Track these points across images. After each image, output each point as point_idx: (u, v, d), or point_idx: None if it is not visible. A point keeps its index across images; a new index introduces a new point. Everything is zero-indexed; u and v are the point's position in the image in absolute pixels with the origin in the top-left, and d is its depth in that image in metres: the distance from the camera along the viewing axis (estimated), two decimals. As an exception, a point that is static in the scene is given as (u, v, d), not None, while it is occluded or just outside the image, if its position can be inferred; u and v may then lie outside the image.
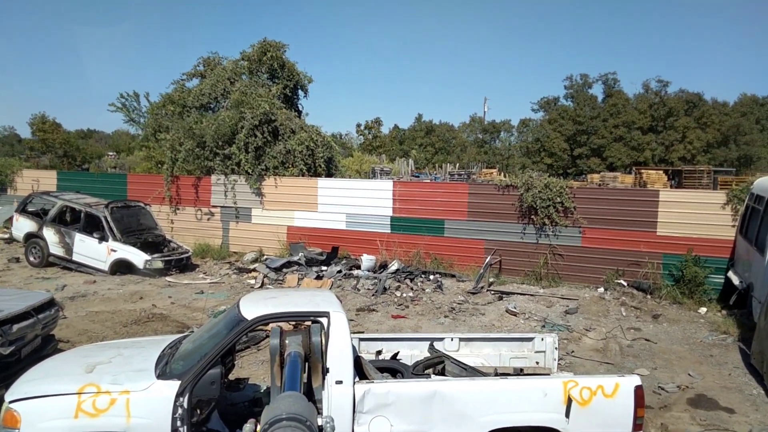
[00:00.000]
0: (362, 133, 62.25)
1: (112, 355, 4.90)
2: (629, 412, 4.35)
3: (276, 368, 3.42)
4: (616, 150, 51.55)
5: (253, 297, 5.08)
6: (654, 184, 28.88)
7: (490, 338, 6.30)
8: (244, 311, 4.50)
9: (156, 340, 5.67)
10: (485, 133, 65.65)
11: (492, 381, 4.46)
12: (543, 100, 62.27)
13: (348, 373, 4.14)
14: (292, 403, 2.23)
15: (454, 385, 4.35)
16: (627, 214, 11.46)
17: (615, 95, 56.12)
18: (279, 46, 17.53)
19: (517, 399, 4.30)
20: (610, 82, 58.56)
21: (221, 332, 4.58)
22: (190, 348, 4.81)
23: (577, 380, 4.35)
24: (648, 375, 6.94)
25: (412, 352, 6.09)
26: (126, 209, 13.51)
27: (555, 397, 4.28)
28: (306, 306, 4.58)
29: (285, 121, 15.55)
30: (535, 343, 6.20)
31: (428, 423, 4.20)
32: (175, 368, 4.40)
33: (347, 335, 4.28)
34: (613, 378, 4.41)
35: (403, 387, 4.30)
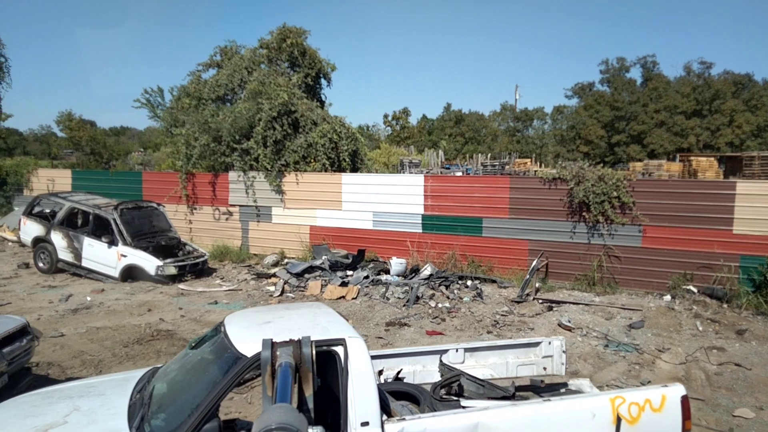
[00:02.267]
0: (389, 124, 60.94)
1: (65, 412, 3.85)
2: (677, 425, 4.05)
3: (267, 378, 3.13)
4: (657, 136, 48.87)
5: (242, 322, 4.28)
6: (705, 172, 26.80)
7: (496, 346, 5.98)
8: (239, 345, 3.71)
9: (116, 381, 4.65)
10: (517, 122, 63.47)
11: (538, 405, 3.95)
12: (577, 86, 59.67)
13: (374, 413, 3.59)
14: (283, 413, 2.21)
15: (498, 415, 3.84)
16: (696, 210, 9.91)
17: (655, 79, 53.23)
18: (300, 32, 16.35)
19: (564, 424, 3.89)
20: (649, 65, 55.63)
21: (212, 373, 3.75)
22: (171, 393, 3.96)
23: (624, 396, 4.00)
24: (754, 418, 5.52)
25: (413, 368, 5.69)
26: (137, 210, 12.57)
27: (604, 418, 3.91)
28: (314, 333, 3.79)
29: (306, 112, 14.39)
30: (543, 347, 5.90)
31: None
32: (158, 428, 3.53)
33: (369, 366, 3.71)
34: (658, 389, 4.07)
35: (440, 422, 3.72)
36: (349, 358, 3.66)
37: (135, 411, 3.87)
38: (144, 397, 4.07)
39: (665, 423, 4.04)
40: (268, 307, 5.22)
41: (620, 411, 3.94)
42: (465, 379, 5.02)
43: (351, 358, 3.67)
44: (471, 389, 4.92)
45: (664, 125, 49.43)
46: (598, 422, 3.92)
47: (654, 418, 4.00)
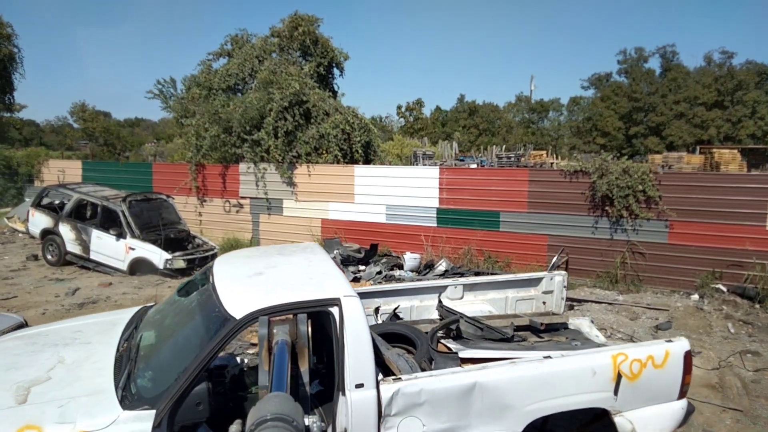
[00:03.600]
0: (403, 116, 60.43)
1: (49, 364, 3.71)
2: (677, 380, 4.09)
3: (264, 353, 3.11)
4: (676, 128, 47.85)
5: (231, 273, 4.06)
6: (728, 164, 26.06)
7: (496, 282, 5.94)
8: (228, 304, 3.53)
9: (103, 326, 4.48)
10: (532, 113, 62.61)
11: (537, 364, 3.89)
12: (594, 77, 58.61)
13: (370, 374, 3.50)
14: (279, 403, 2.20)
15: (496, 374, 3.79)
16: (727, 205, 9.41)
17: (674, 69, 52.06)
18: (312, 20, 15.96)
19: (564, 382, 3.88)
20: (668, 56, 54.40)
21: (200, 332, 3.60)
22: (158, 348, 3.84)
23: (626, 352, 3.99)
24: (794, 433, 5.11)
25: (411, 303, 5.72)
26: (146, 202, 12.32)
27: (604, 375, 3.93)
28: (308, 292, 3.66)
29: (318, 102, 14.03)
30: (543, 283, 5.85)
31: (465, 418, 3.70)
32: (144, 389, 3.40)
33: (365, 327, 3.55)
34: (662, 345, 4.09)
35: (437, 383, 3.66)
36: (344, 318, 3.52)
37: (121, 365, 3.72)
38: (131, 348, 3.93)
39: (666, 378, 4.05)
40: (261, 251, 4.96)
41: (621, 368, 3.93)
42: (463, 321, 4.97)
43: (346, 318, 3.52)
44: (469, 332, 4.91)
45: (684, 117, 48.39)
46: (598, 379, 3.91)
47: (655, 374, 4.01)
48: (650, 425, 4.07)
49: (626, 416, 4.02)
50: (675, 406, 4.15)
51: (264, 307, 3.47)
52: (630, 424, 4.01)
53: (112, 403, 3.30)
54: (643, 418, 4.05)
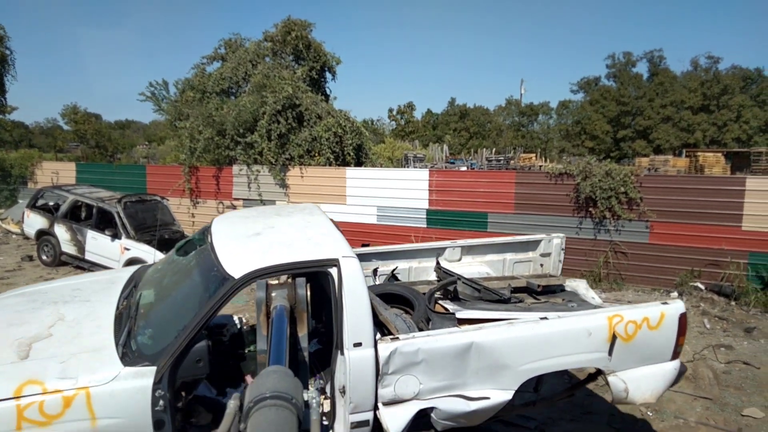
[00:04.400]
0: (394, 119, 60.75)
1: (49, 321, 3.75)
2: (671, 341, 4.12)
3: (262, 318, 3.12)
4: (663, 131, 48.58)
5: (230, 232, 4.08)
6: (712, 167, 26.62)
7: (494, 244, 5.92)
8: (227, 264, 3.55)
9: (102, 285, 4.48)
10: (522, 117, 63.19)
11: (533, 324, 3.91)
12: (583, 81, 59.30)
13: (368, 334, 3.55)
14: (277, 380, 2.14)
15: (493, 334, 3.80)
16: (705, 206, 9.79)
17: (661, 73, 52.83)
18: (304, 25, 16.23)
19: (559, 342, 3.89)
20: (656, 60, 55.18)
21: (198, 291, 3.63)
22: (157, 306, 3.87)
23: (622, 314, 4.02)
24: (764, 418, 5.44)
25: (410, 265, 5.69)
26: (141, 204, 12.51)
27: (599, 336, 3.94)
28: (306, 252, 3.66)
29: (311, 106, 14.29)
30: (542, 245, 5.86)
31: (461, 377, 3.75)
32: (144, 346, 3.44)
33: (363, 287, 3.57)
34: (658, 307, 4.11)
35: (434, 342, 3.69)
36: (342, 279, 3.53)
37: (121, 323, 3.73)
38: (131, 306, 3.93)
39: (660, 340, 4.07)
40: (258, 211, 4.98)
41: (617, 329, 3.95)
42: (461, 283, 4.93)
43: (345, 279, 3.53)
44: (467, 293, 4.87)
45: (671, 120, 49.13)
46: (593, 340, 3.93)
47: (649, 335, 4.03)
48: (643, 385, 4.11)
49: (620, 376, 4.06)
50: (668, 366, 4.19)
51: (262, 267, 3.47)
52: (623, 384, 4.06)
53: (113, 360, 3.34)
54: (637, 378, 4.09)
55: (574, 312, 4.32)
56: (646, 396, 4.13)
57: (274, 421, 1.51)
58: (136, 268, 4.85)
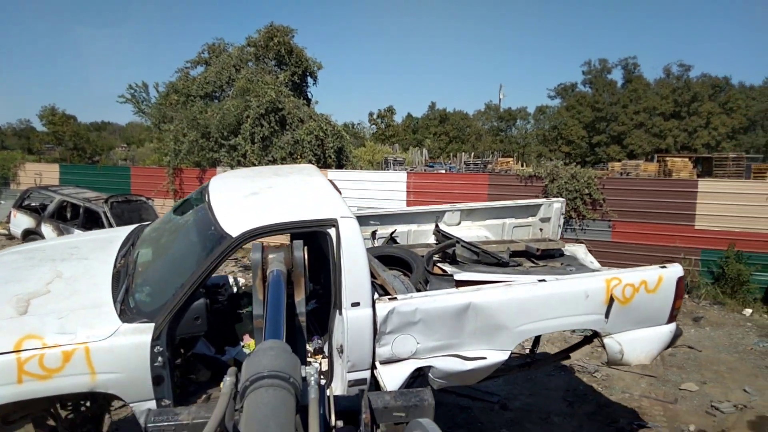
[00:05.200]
0: (375, 122, 61.39)
1: (47, 278, 3.76)
2: (668, 304, 4.12)
3: (258, 282, 2.93)
4: (636, 137, 49.99)
5: (227, 192, 4.05)
6: (680, 172, 27.68)
7: (494, 208, 5.95)
8: (224, 222, 3.55)
9: (99, 243, 4.48)
10: (501, 121, 64.33)
11: (531, 286, 3.89)
12: (560, 87, 60.65)
13: (366, 293, 3.55)
14: (275, 356, 1.98)
15: (490, 295, 3.77)
16: (661, 207, 10.55)
17: (635, 80, 54.37)
18: (287, 31, 16.77)
19: (557, 304, 3.88)
20: (630, 67, 56.74)
21: (196, 249, 3.63)
22: (155, 264, 3.89)
23: (620, 277, 4.00)
24: (698, 391, 6.12)
25: (408, 228, 5.69)
26: (127, 204, 12.87)
27: (597, 298, 3.93)
28: (304, 211, 3.64)
29: (293, 110, 14.81)
30: (542, 210, 5.86)
31: (459, 337, 3.75)
32: (142, 303, 3.48)
33: (362, 247, 3.57)
34: (656, 271, 4.11)
35: (432, 302, 3.68)
36: (341, 239, 3.52)
37: (119, 281, 3.71)
38: (128, 264, 3.93)
39: (657, 303, 4.08)
40: (256, 171, 4.94)
41: (614, 292, 3.94)
42: (460, 246, 4.90)
43: (343, 239, 3.52)
44: (465, 256, 4.83)
45: (643, 126, 50.57)
46: (591, 302, 3.92)
47: (646, 298, 4.03)
48: (639, 347, 4.13)
49: (616, 338, 4.08)
50: (664, 329, 4.21)
51: (260, 225, 3.46)
52: (619, 346, 4.08)
53: (112, 316, 3.34)
54: (633, 341, 4.11)
55: (572, 275, 4.35)
56: (641, 357, 4.18)
57: (271, 403, 1.43)
58: (133, 227, 4.82)
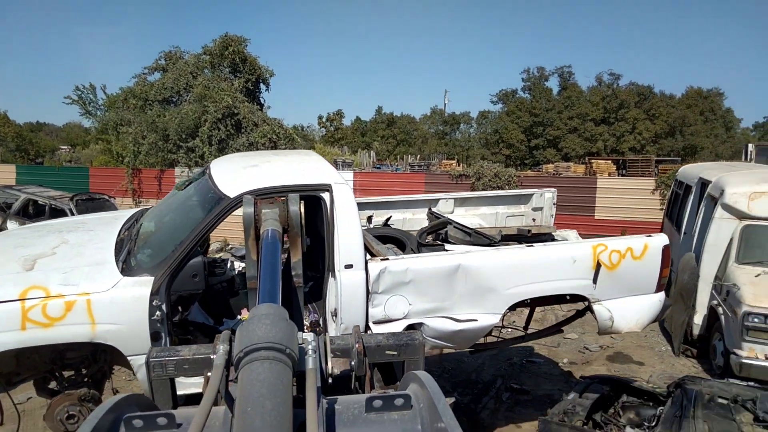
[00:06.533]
0: (324, 126, 62.53)
1: (53, 243, 3.95)
2: (655, 272, 4.16)
3: (251, 241, 2.65)
4: (570, 141, 53.40)
5: (227, 165, 4.27)
6: (603, 173, 30.39)
7: (487, 197, 6.07)
8: (223, 186, 3.74)
9: (105, 219, 4.78)
10: (446, 125, 66.84)
11: (520, 250, 4.06)
12: (502, 93, 63.75)
13: (359, 256, 3.69)
14: (270, 325, 1.67)
15: (479, 257, 3.90)
16: (569, 201, 12.44)
17: (570, 88, 57.94)
18: (240, 40, 17.91)
19: (544, 268, 3.98)
20: (566, 75, 60.37)
21: (196, 213, 3.83)
22: (156, 232, 4.11)
23: (606, 244, 4.11)
24: (577, 338, 7.87)
25: (403, 216, 5.80)
26: (91, 202, 13.73)
27: (584, 264, 4.01)
28: (300, 177, 3.83)
29: (248, 115, 16.01)
30: (534, 199, 6.08)
31: (449, 299, 3.84)
32: (143, 260, 3.67)
33: (355, 212, 3.73)
34: (641, 238, 4.19)
35: (423, 263, 3.80)
36: (335, 203, 3.64)
37: (122, 246, 3.91)
38: (132, 233, 4.14)
39: (644, 270, 4.16)
40: (256, 152, 5.21)
41: (601, 258, 4.02)
42: (452, 226, 5.03)
43: (337, 203, 3.64)
44: (457, 236, 4.93)
45: (577, 131, 54.07)
46: (578, 267, 4.02)
47: (633, 264, 4.10)
48: (628, 315, 4.21)
49: (605, 305, 4.15)
50: (653, 298, 4.28)
51: (257, 187, 3.57)
52: (608, 312, 4.16)
53: (113, 271, 3.51)
54: (622, 308, 4.18)
55: (559, 242, 4.56)
56: (631, 325, 4.26)
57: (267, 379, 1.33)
58: (138, 210, 5.12)
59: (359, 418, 1.42)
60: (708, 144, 53.05)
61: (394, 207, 5.91)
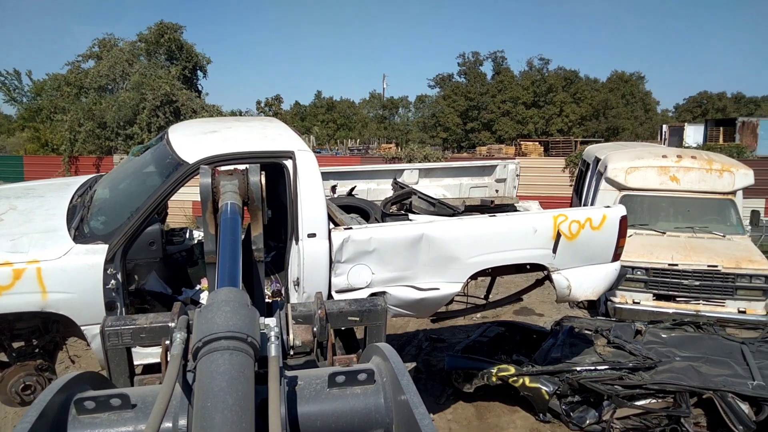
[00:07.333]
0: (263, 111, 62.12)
1: (1, 210, 3.78)
2: (612, 242, 4.26)
3: (209, 215, 2.43)
4: (503, 124, 55.69)
5: (186, 130, 4.13)
6: (531, 154, 32.38)
7: (451, 168, 6.13)
8: (181, 151, 3.61)
9: (56, 186, 4.56)
10: (384, 110, 67.87)
11: (482, 220, 4.14)
12: (438, 77, 65.31)
13: (322, 225, 3.66)
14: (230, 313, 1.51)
15: (442, 226, 3.96)
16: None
17: (503, 72, 60.18)
18: (176, 27, 18.07)
19: (506, 237, 4.04)
20: (499, 60, 62.63)
21: (153, 179, 3.71)
22: (111, 199, 3.98)
23: (567, 214, 4.20)
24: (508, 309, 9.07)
25: (368, 186, 5.77)
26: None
27: (544, 234, 4.09)
28: (261, 144, 3.74)
29: (186, 102, 16.33)
30: (497, 171, 6.18)
31: (412, 268, 3.87)
32: (97, 227, 3.54)
33: (318, 179, 3.69)
34: (600, 209, 4.31)
35: (386, 232, 3.82)
36: (297, 171, 3.57)
37: (75, 213, 3.74)
38: (85, 200, 3.95)
39: (602, 241, 4.23)
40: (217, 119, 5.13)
41: (561, 228, 4.08)
42: (416, 197, 5.06)
43: (300, 171, 3.57)
44: (421, 207, 4.95)
45: (509, 114, 56.43)
46: (539, 237, 4.08)
47: (592, 235, 4.17)
48: (585, 284, 4.29)
49: (563, 274, 4.23)
50: (610, 267, 4.36)
51: (217, 153, 3.47)
52: (567, 281, 4.24)
53: (65, 239, 3.35)
54: (579, 277, 4.25)
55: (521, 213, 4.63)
56: (588, 293, 4.39)
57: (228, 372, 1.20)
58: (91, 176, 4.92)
59: (322, 393, 1.40)
60: (629, 125, 56.71)
61: (358, 177, 5.85)
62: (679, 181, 7.99)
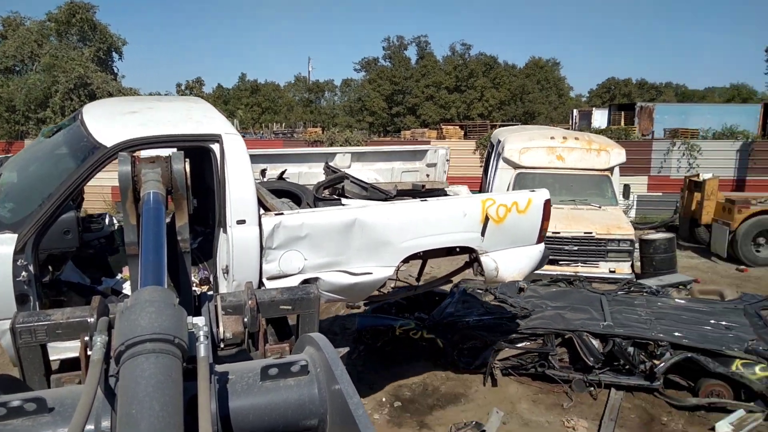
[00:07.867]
0: (183, 94, 60.08)
1: None
2: (537, 225, 4.45)
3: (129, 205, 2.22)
4: (427, 108, 57.15)
5: (102, 110, 3.92)
6: (452, 137, 33.78)
7: (383, 152, 6.30)
8: (98, 133, 3.39)
9: None
10: (310, 93, 67.56)
11: (413, 204, 4.27)
12: (364, 61, 65.77)
13: (252, 210, 3.58)
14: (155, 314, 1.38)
15: (375, 211, 4.03)
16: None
17: (426, 57, 61.56)
18: (88, 7, 17.51)
19: (437, 221, 4.14)
20: (423, 45, 63.95)
21: (66, 162, 3.48)
22: (20, 184, 3.74)
23: (494, 198, 4.35)
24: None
25: (299, 170, 5.73)
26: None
27: (473, 217, 4.21)
28: (186, 126, 3.56)
29: (102, 84, 15.99)
30: (428, 155, 6.33)
31: (345, 253, 3.90)
32: (4, 215, 3.32)
33: (248, 165, 3.59)
34: (525, 193, 4.48)
35: (319, 217, 3.85)
36: (225, 155, 3.44)
37: None
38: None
39: (527, 223, 4.42)
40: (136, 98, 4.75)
41: (489, 211, 4.23)
42: (349, 181, 5.09)
43: (227, 155, 3.45)
44: (354, 191, 4.98)
45: (433, 99, 57.97)
46: (468, 221, 4.20)
47: (518, 218, 4.34)
48: (512, 265, 4.46)
49: (491, 256, 4.39)
50: (534, 249, 4.55)
51: (137, 137, 3.29)
52: (494, 263, 4.38)
53: None
54: (506, 259, 4.41)
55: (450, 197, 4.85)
56: (514, 274, 4.57)
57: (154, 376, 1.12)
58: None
59: (254, 386, 1.37)
60: (544, 110, 59.90)
61: (289, 160, 5.81)
62: (564, 160, 9.12)
